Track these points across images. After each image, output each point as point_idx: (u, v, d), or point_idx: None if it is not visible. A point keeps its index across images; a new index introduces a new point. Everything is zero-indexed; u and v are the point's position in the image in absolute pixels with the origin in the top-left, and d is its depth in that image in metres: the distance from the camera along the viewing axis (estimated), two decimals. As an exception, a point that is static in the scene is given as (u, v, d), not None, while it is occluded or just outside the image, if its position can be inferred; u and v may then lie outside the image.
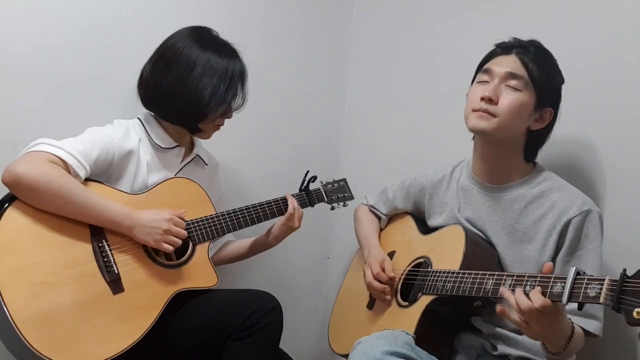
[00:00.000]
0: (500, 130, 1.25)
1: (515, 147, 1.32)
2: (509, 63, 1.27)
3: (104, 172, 1.32)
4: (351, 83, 2.07)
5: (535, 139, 1.32)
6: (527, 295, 1.02)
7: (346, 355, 1.30)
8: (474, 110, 1.28)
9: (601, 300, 0.93)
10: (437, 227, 1.44)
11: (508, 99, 1.24)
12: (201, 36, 1.39)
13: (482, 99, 1.26)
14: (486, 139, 1.32)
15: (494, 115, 1.25)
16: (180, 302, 1.32)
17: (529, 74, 1.25)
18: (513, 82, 1.25)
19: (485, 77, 1.30)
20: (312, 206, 1.62)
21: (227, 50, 1.41)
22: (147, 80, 1.39)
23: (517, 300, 1.03)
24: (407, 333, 1.25)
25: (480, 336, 1.31)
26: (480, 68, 1.34)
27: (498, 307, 1.07)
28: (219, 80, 1.37)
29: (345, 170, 1.92)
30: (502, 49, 1.31)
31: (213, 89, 1.36)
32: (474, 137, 1.39)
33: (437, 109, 1.53)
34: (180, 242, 1.31)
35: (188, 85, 1.35)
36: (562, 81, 1.31)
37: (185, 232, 1.33)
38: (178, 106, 1.37)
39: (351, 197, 1.72)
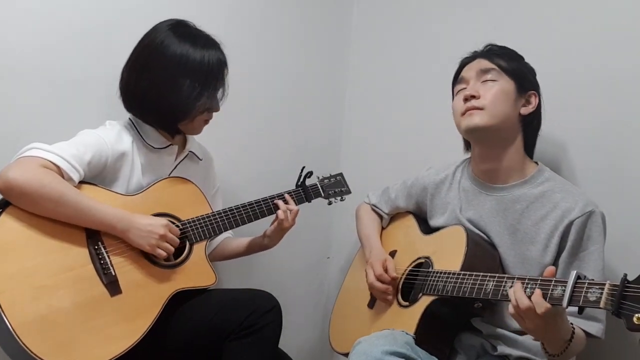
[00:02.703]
0: (493, 120, 1.27)
1: (513, 141, 1.31)
2: (476, 65, 1.33)
3: (98, 175, 1.31)
4: (351, 82, 2.06)
5: (530, 125, 1.33)
6: (528, 296, 1.02)
7: (346, 354, 1.31)
8: (462, 115, 1.31)
9: (601, 305, 0.93)
10: (438, 228, 1.43)
11: (489, 90, 1.28)
12: (178, 30, 1.36)
13: (465, 99, 1.30)
14: (483, 137, 1.32)
15: (482, 108, 1.27)
16: (179, 302, 1.32)
17: (498, 65, 1.30)
18: (488, 76, 1.30)
19: (461, 86, 1.35)
20: (309, 201, 1.62)
21: (203, 42, 1.36)
22: (126, 83, 1.37)
23: (517, 297, 1.03)
24: (407, 333, 1.25)
25: (480, 336, 1.31)
26: (453, 83, 1.39)
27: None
28: (194, 78, 1.33)
29: (345, 169, 1.91)
30: (467, 59, 1.37)
31: (188, 89, 1.33)
32: (469, 148, 1.40)
33: (436, 108, 1.53)
34: (172, 249, 1.31)
35: (162, 87, 1.32)
36: (534, 71, 1.35)
37: (177, 240, 1.32)
38: (154, 109, 1.36)
39: (348, 192, 1.71)
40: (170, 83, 1.32)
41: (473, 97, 1.28)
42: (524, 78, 1.31)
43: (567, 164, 1.46)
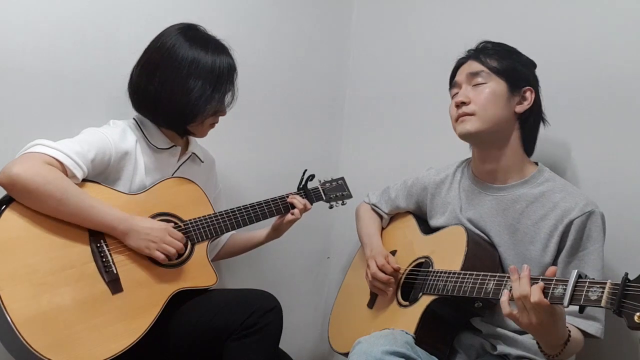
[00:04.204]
0: (485, 124, 1.27)
1: (510, 141, 1.31)
2: (467, 68, 1.33)
3: (102, 173, 1.32)
4: (351, 83, 2.07)
5: (527, 122, 1.32)
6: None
7: (346, 354, 1.31)
8: (455, 121, 1.32)
9: (602, 303, 0.93)
10: (438, 227, 1.43)
11: (480, 94, 1.29)
12: (189, 34, 1.37)
13: (457, 105, 1.31)
14: (478, 141, 1.33)
15: (472, 114, 1.28)
16: (180, 301, 1.32)
17: (487, 66, 1.30)
18: (477, 79, 1.30)
19: (455, 90, 1.35)
20: (311, 204, 1.62)
21: (214, 47, 1.38)
22: (136, 84, 1.38)
23: (521, 283, 1.03)
24: (407, 333, 1.25)
25: (479, 336, 1.31)
26: (450, 86, 1.39)
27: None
28: (206, 81, 1.35)
29: (344, 170, 1.92)
30: (461, 60, 1.37)
31: (199, 91, 1.34)
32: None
33: (436, 109, 1.53)
34: (175, 252, 1.30)
35: (174, 89, 1.34)
36: (533, 64, 1.34)
37: (181, 245, 1.31)
38: (165, 110, 1.36)
39: (349, 196, 1.72)
40: (181, 85, 1.33)
41: (464, 103, 1.29)
42: (516, 76, 1.30)
43: (567, 164, 1.46)
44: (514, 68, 1.30)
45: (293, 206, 1.54)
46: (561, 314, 1.04)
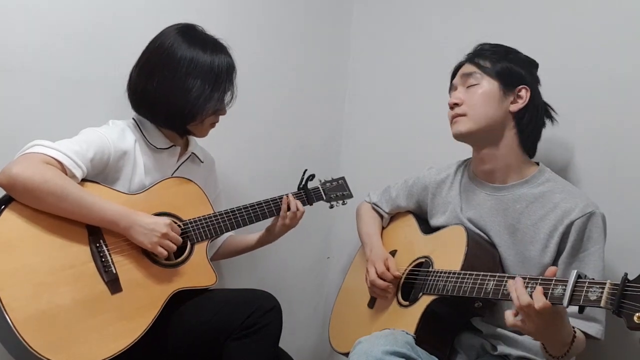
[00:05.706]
0: (476, 124, 1.28)
1: (505, 140, 1.31)
2: (462, 70, 1.35)
3: (101, 173, 1.32)
4: (351, 83, 2.07)
5: (523, 121, 1.30)
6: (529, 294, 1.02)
7: (346, 354, 1.31)
8: (450, 122, 1.34)
9: (602, 304, 0.93)
10: (439, 227, 1.43)
11: (471, 95, 1.30)
12: (187, 34, 1.37)
13: (450, 107, 1.33)
14: (472, 141, 1.34)
15: (464, 114, 1.30)
16: (180, 301, 1.32)
17: (479, 68, 1.31)
18: (470, 81, 1.32)
19: (452, 93, 1.37)
20: (311, 204, 1.62)
21: (212, 46, 1.38)
22: (135, 84, 1.38)
23: (519, 294, 1.03)
24: (407, 333, 1.25)
25: (480, 336, 1.31)
26: (449, 90, 1.41)
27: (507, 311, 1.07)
28: (204, 80, 1.35)
29: (345, 170, 1.92)
30: (460, 62, 1.38)
31: (198, 90, 1.34)
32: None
33: (436, 109, 1.54)
34: (174, 247, 1.31)
35: (172, 88, 1.34)
36: (533, 64, 1.34)
37: (180, 239, 1.32)
38: (164, 110, 1.37)
39: (350, 196, 1.71)
40: (180, 84, 1.34)
41: (456, 104, 1.31)
42: (510, 75, 1.30)
43: (567, 164, 1.46)
44: (507, 68, 1.30)
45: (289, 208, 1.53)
46: (563, 312, 1.04)
